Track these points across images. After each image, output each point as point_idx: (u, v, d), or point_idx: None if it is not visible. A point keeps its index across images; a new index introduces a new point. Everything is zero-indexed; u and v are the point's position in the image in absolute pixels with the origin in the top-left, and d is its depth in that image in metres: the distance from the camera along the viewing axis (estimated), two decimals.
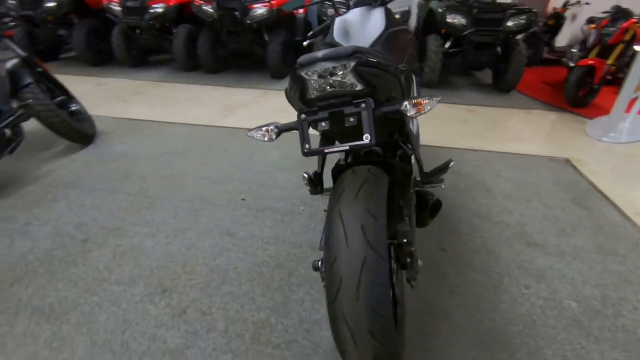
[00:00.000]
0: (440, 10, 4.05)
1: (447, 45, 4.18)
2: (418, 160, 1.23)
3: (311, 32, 1.69)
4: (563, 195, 2.21)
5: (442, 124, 3.29)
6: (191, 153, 2.62)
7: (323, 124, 0.87)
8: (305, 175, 1.21)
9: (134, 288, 1.46)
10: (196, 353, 1.21)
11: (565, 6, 5.50)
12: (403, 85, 0.95)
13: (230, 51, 4.66)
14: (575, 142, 3.02)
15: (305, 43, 1.74)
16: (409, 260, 1.09)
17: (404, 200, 1.20)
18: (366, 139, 0.83)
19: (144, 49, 4.99)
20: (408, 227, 1.10)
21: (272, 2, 4.12)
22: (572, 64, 3.96)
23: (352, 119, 0.85)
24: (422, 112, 0.86)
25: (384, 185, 0.98)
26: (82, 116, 2.76)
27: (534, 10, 3.93)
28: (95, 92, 3.97)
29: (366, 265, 0.84)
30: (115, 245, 1.69)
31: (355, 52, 0.77)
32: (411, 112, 0.86)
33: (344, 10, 1.75)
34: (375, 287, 0.83)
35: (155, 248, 1.68)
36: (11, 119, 2.02)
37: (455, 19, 3.96)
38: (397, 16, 1.85)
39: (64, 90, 2.66)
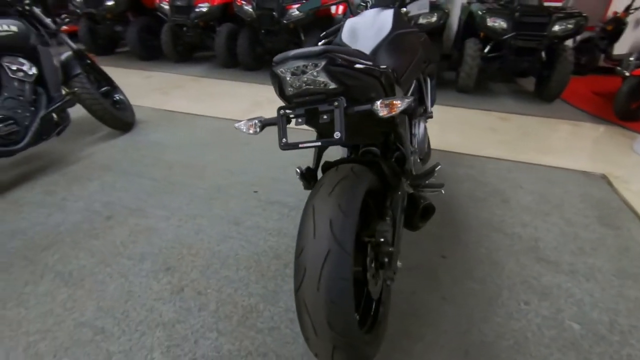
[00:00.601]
0: (480, 12, 3.91)
1: (487, 49, 4.03)
2: (408, 163, 1.22)
3: (324, 33, 1.73)
4: (589, 212, 2.06)
5: (470, 130, 3.18)
6: (215, 145, 2.77)
7: (299, 119, 0.91)
8: (298, 170, 1.26)
9: (142, 264, 1.59)
10: (186, 328, 1.31)
11: (627, 11, 5.06)
12: (385, 86, 0.96)
13: (268, 50, 4.82)
14: (617, 157, 2.79)
15: (319, 44, 1.78)
16: (386, 260, 1.10)
17: (391, 201, 1.21)
18: (336, 136, 0.87)
19: (189, 46, 5.30)
20: (388, 228, 1.11)
21: None
22: (627, 73, 3.65)
23: (325, 117, 0.88)
24: (395, 112, 0.87)
25: (363, 184, 1.00)
26: (123, 105, 3.01)
27: (584, 15, 3.67)
28: (142, 84, 4.30)
29: (329, 258, 0.87)
30: (133, 224, 1.85)
31: (326, 52, 0.81)
32: (382, 112, 0.87)
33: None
34: (336, 279, 0.86)
35: (168, 230, 1.81)
36: (59, 104, 2.27)
37: (495, 22, 3.80)
38: (421, 20, 1.85)
39: (109, 81, 2.91)
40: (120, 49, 6.06)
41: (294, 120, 0.95)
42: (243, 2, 4.41)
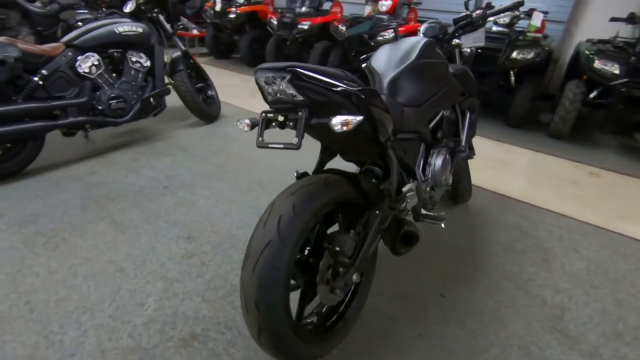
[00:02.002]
0: (587, 52, 3.49)
1: (593, 94, 3.56)
2: (389, 185, 1.24)
3: (364, 56, 1.83)
4: None
5: (544, 179, 2.86)
6: None
7: (273, 123, 1.04)
8: (295, 173, 1.38)
9: (173, 229, 1.89)
10: (180, 287, 1.52)
11: None
12: (359, 105, 1.02)
13: (354, 68, 5.04)
14: None
15: (363, 65, 1.88)
16: (341, 270, 1.15)
17: (368, 218, 1.25)
18: (294, 141, 0.97)
19: (287, 58, 5.85)
20: (348, 240, 1.15)
21: (399, 29, 4.30)
22: None
23: (290, 124, 1.00)
24: (348, 128, 0.93)
25: (328, 193, 1.08)
26: (213, 101, 3.53)
27: None
28: (238, 86, 4.92)
29: (268, 247, 0.97)
30: (180, 197, 2.19)
31: (290, 67, 0.92)
32: (337, 127, 0.95)
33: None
34: (269, 267, 0.96)
35: (204, 207, 2.10)
36: (156, 91, 2.81)
37: (605, 66, 3.35)
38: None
39: (205, 79, 3.45)
40: (235, 55, 6.99)
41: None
42: (339, 23, 4.73)
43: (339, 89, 0.98)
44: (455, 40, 1.82)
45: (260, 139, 1.06)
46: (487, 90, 4.14)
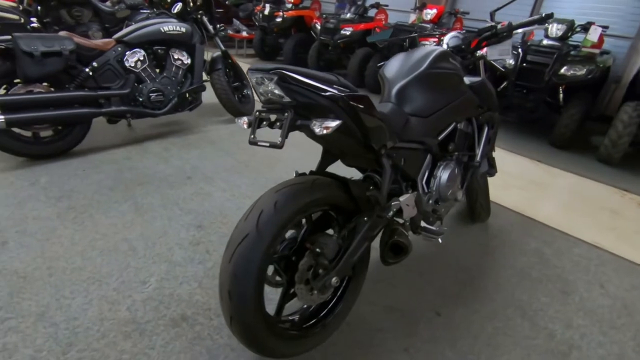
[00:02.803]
0: None
1: None
2: (380, 194, 1.23)
3: (381, 63, 1.82)
4: None
5: (580, 206, 2.64)
6: (300, 146, 3.10)
7: (264, 122, 1.08)
8: (294, 173, 1.41)
9: (186, 216, 2.01)
10: (181, 271, 1.62)
11: None
12: (347, 110, 1.03)
13: None
14: None
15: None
16: (321, 271, 1.16)
17: (357, 224, 1.25)
18: (278, 141, 1.01)
19: (329, 63, 5.93)
20: (330, 242, 1.16)
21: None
22: None
23: (278, 124, 1.03)
24: (327, 132, 0.95)
25: (312, 195, 1.10)
26: (247, 100, 3.67)
27: None
28: None
29: (246, 239, 1.01)
30: (199, 187, 2.31)
31: (277, 69, 0.95)
32: (317, 130, 0.96)
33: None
34: (244, 258, 1.00)
35: (219, 199, 2.20)
36: (192, 87, 2.98)
37: None
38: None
39: (242, 79, 3.61)
40: (279, 58, 7.21)
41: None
42: (381, 30, 4.72)
43: (326, 93, 1.00)
44: (480, 52, 1.75)
45: (252, 136, 1.10)
46: (532, 107, 3.91)
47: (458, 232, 2.16)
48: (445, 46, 1.81)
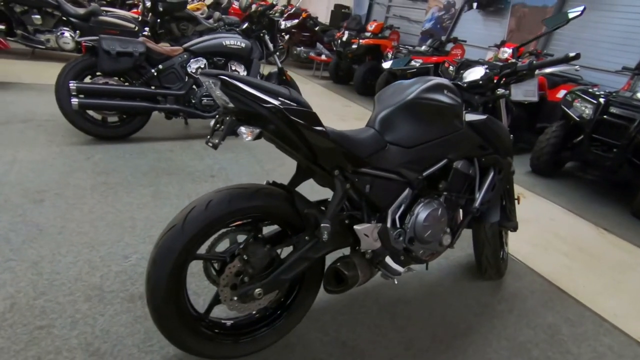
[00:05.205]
0: None
1: None
2: (319, 214, 1.19)
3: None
4: None
5: (624, 279, 2.15)
6: None
7: (217, 125, 1.14)
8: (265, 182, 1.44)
9: None
10: None
11: None
12: (287, 123, 1.02)
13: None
14: None
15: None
16: (246, 279, 1.15)
17: (297, 241, 1.22)
18: (215, 141, 1.05)
19: None
20: (259, 251, 1.15)
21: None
22: None
23: (219, 125, 1.08)
24: (251, 138, 0.97)
25: (252, 202, 1.13)
26: None
27: None
28: (335, 109, 5.18)
29: (172, 230, 1.08)
30: (217, 186, 2.47)
31: (219, 75, 1.00)
32: (243, 136, 0.99)
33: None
34: (165, 247, 1.06)
35: None
36: None
37: None
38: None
39: None
40: (352, 83, 7.39)
41: None
42: (450, 65, 4.55)
43: (267, 105, 1.02)
44: (501, 90, 1.59)
45: (208, 137, 1.18)
46: (612, 166, 3.35)
47: (461, 284, 1.93)
48: (465, 79, 1.70)
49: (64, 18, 4.66)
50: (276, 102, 1.03)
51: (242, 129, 1.01)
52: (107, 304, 1.43)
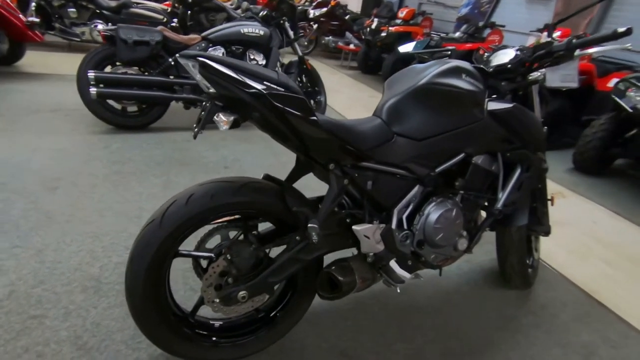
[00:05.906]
0: None
1: None
2: (312, 213, 1.06)
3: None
4: None
5: None
6: None
7: (203, 111, 1.04)
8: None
9: None
10: None
11: None
12: (271, 110, 0.91)
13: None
14: None
15: None
16: (230, 280, 1.06)
17: (289, 241, 1.11)
18: (195, 130, 0.96)
19: None
20: (248, 255, 1.07)
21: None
22: None
23: (203, 112, 0.98)
24: (227, 126, 0.87)
25: (237, 197, 1.04)
26: (318, 106, 3.70)
27: None
28: (361, 99, 4.99)
29: (150, 224, 1.01)
30: None
31: (197, 56, 0.90)
32: (219, 124, 0.88)
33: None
34: (143, 242, 1.00)
35: None
36: None
37: None
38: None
39: (317, 85, 3.66)
40: (380, 73, 7.12)
41: None
42: (484, 52, 4.21)
43: (250, 90, 0.91)
44: (534, 74, 1.38)
45: (194, 125, 1.09)
46: None
47: (482, 292, 1.75)
48: (492, 62, 1.50)
49: (98, 11, 4.80)
50: (260, 87, 0.91)
51: (219, 116, 0.91)
52: (102, 296, 1.41)
